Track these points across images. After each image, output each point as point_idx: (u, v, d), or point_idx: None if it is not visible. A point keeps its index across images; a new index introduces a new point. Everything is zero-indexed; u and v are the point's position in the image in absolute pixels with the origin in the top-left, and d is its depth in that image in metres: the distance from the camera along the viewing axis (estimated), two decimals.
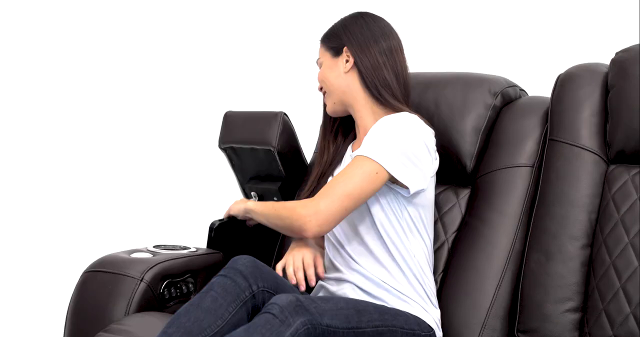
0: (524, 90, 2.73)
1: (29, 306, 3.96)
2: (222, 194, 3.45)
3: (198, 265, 2.55)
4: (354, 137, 2.55)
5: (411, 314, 2.30)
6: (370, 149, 2.27)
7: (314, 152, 2.86)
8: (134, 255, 2.49)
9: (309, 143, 2.92)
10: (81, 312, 2.38)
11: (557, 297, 2.35)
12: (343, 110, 2.49)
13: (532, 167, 2.52)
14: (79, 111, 4.15)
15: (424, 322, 2.31)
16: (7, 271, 4.06)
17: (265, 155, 2.80)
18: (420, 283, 2.35)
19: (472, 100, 2.61)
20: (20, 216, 4.11)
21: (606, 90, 2.49)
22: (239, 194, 3.00)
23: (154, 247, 2.59)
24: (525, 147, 2.54)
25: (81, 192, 4.12)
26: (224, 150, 2.89)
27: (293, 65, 3.83)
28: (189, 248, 2.61)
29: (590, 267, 2.37)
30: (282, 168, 2.81)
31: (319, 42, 2.53)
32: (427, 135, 2.34)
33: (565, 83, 2.53)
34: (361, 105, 2.45)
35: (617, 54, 2.51)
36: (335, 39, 2.47)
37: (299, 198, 2.66)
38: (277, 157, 2.78)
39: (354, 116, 2.48)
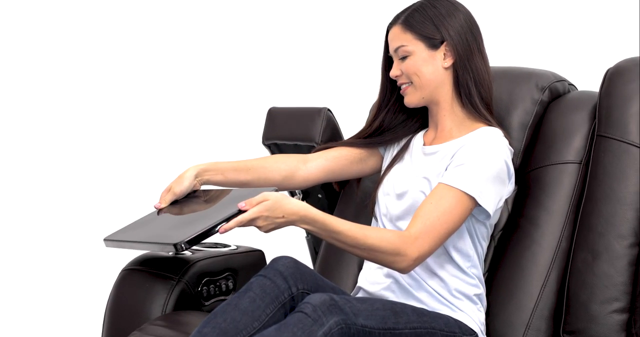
0: (573, 85, 2.66)
1: (69, 304, 3.98)
2: None
3: (238, 263, 2.54)
4: (419, 121, 2.48)
5: (452, 317, 2.25)
6: (472, 186, 2.21)
7: None
8: (173, 253, 2.48)
9: None
10: (119, 311, 2.38)
11: (604, 297, 2.30)
12: (424, 104, 2.39)
13: (580, 163, 2.46)
14: (121, 106, 4.16)
15: (465, 325, 2.26)
16: (48, 269, 4.08)
17: (309, 152, 2.77)
18: (468, 290, 2.31)
19: (519, 95, 2.56)
20: (63, 213, 4.14)
21: None
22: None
23: None
24: (573, 143, 2.48)
25: (123, 189, 4.14)
26: (268, 146, 2.87)
27: (337, 61, 3.81)
28: (229, 246, 2.59)
29: (638, 266, 2.30)
30: None
31: (400, 25, 2.36)
32: (510, 161, 2.31)
33: (614, 77, 2.46)
34: (447, 103, 2.36)
35: None
36: (431, 29, 2.32)
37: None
38: None
39: (434, 111, 2.40)
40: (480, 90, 2.35)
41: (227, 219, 2.07)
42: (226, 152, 4.04)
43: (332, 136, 2.75)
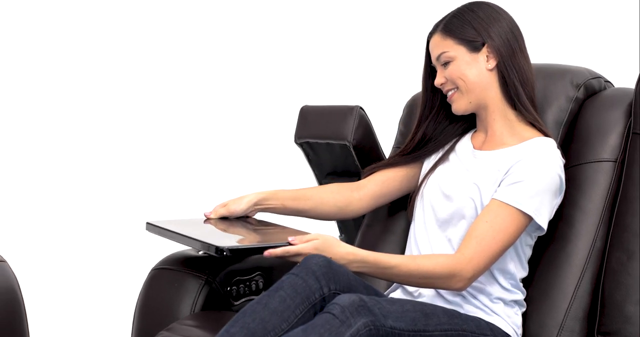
0: (609, 82, 2.62)
1: (100, 303, 4.00)
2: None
3: (269, 263, 2.52)
4: (463, 126, 2.46)
5: (484, 320, 2.22)
6: (528, 204, 2.20)
7: (393, 147, 2.79)
8: (202, 252, 2.47)
9: (386, 138, 2.86)
10: (148, 310, 2.38)
11: (639, 298, 2.26)
12: (472, 110, 2.37)
13: (615, 162, 2.42)
14: (153, 106, 4.18)
15: (497, 327, 2.23)
16: (80, 268, 4.10)
17: (341, 151, 2.76)
18: (506, 296, 2.29)
19: (553, 92, 2.52)
20: (94, 213, 4.16)
21: None
22: None
23: None
24: (608, 141, 2.44)
25: (153, 189, 4.15)
26: (300, 145, 2.85)
27: (370, 59, 3.79)
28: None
29: None
30: (358, 163, 2.75)
31: (439, 33, 2.34)
32: (563, 173, 2.29)
33: None
34: (496, 106, 2.33)
35: None
36: (471, 33, 2.30)
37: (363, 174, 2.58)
38: (353, 152, 2.73)
39: (483, 116, 2.37)
40: (525, 89, 2.33)
41: (274, 246, 2.11)
42: (259, 151, 4.04)
43: (364, 134, 2.73)
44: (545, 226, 2.24)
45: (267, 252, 2.10)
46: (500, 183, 2.25)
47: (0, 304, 2.34)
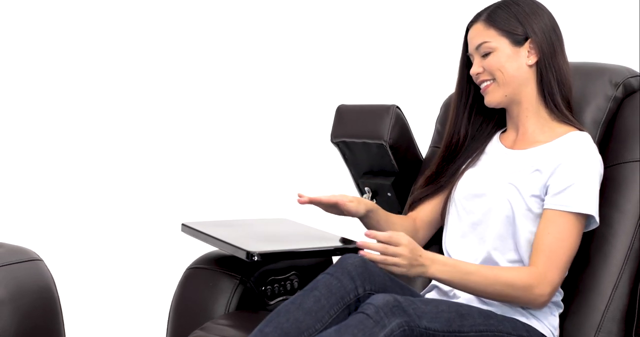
0: None
1: (136, 301, 4.02)
2: (336, 190, 3.43)
3: (304, 263, 2.52)
4: (495, 125, 2.45)
5: (520, 321, 2.20)
6: (587, 205, 2.21)
7: (430, 147, 2.78)
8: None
9: (423, 137, 2.85)
10: (183, 309, 2.39)
11: None
12: (506, 104, 2.35)
13: None
14: (192, 113, 4.20)
15: (534, 329, 2.21)
16: (116, 267, 4.13)
17: (378, 150, 2.75)
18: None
19: (591, 91, 2.50)
20: (131, 212, 4.18)
21: None
22: (354, 189, 2.95)
23: None
24: None
25: (190, 189, 4.16)
26: (337, 144, 2.85)
27: (407, 58, 3.77)
28: None
29: None
30: (395, 163, 2.75)
31: (482, 22, 2.32)
32: (602, 167, 2.29)
33: None
34: (530, 103, 2.32)
35: None
36: (515, 26, 2.29)
37: (416, 187, 2.56)
38: (390, 152, 2.72)
39: (515, 113, 2.36)
40: (562, 89, 2.31)
41: (307, 252, 2.15)
42: (296, 150, 4.04)
43: (400, 134, 2.72)
44: (598, 218, 2.24)
45: (364, 253, 2.08)
46: (547, 190, 2.23)
47: (37, 302, 2.35)
